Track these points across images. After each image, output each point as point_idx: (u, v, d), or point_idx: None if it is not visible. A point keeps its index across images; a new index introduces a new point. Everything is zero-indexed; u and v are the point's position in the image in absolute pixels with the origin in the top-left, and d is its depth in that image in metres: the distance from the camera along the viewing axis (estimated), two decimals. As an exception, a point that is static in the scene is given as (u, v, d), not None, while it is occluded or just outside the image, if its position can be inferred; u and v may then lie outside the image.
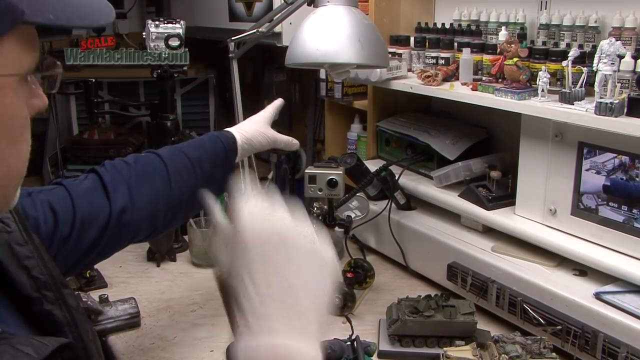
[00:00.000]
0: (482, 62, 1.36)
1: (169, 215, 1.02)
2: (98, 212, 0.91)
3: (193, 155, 1.05)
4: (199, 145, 1.08)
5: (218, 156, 1.08)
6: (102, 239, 0.91)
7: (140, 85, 2.58)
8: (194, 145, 1.08)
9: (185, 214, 1.10)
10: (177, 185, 1.01)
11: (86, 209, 0.89)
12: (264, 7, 1.93)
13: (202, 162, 1.05)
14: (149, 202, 0.97)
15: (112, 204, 0.92)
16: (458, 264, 1.31)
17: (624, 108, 1.03)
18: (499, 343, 1.04)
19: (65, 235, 0.86)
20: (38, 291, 0.63)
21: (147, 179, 0.98)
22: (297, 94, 2.41)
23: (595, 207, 1.13)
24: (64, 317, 0.65)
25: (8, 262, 0.63)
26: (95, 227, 0.90)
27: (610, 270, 1.10)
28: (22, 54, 0.51)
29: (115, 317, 1.27)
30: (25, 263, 0.64)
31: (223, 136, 1.11)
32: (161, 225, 1.01)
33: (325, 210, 1.43)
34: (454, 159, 1.46)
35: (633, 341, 0.99)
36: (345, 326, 1.21)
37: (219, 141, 1.09)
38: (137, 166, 0.99)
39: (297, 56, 1.28)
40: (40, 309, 0.64)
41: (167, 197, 0.99)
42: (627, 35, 1.14)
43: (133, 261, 1.60)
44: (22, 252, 0.64)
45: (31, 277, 0.63)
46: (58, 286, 0.66)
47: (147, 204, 0.96)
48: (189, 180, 1.03)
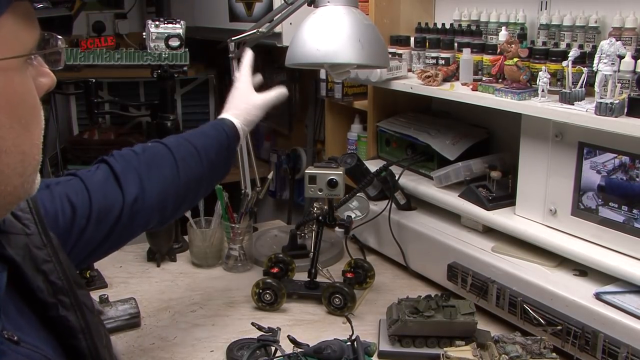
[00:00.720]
0: (482, 62, 1.36)
1: (178, 203, 1.03)
2: (112, 203, 0.91)
3: (198, 143, 1.07)
4: (203, 134, 1.10)
5: (221, 144, 1.11)
6: (116, 229, 0.92)
7: (140, 86, 2.59)
8: (199, 134, 1.10)
9: (192, 201, 1.11)
10: (185, 173, 1.02)
11: (102, 201, 0.90)
12: (264, 7, 1.93)
13: (207, 149, 1.07)
14: (160, 190, 0.98)
15: (125, 194, 0.93)
16: (458, 264, 1.31)
17: (624, 108, 1.03)
18: (499, 343, 1.04)
19: (82, 227, 0.87)
20: (54, 296, 0.63)
21: (156, 167, 0.99)
22: (297, 94, 2.41)
23: (596, 208, 1.13)
24: (78, 323, 0.65)
25: (26, 266, 0.62)
26: (110, 217, 0.90)
27: (611, 271, 1.10)
28: (21, 33, 0.50)
29: (116, 317, 1.27)
30: (42, 267, 0.63)
31: (224, 124, 1.14)
32: (170, 213, 1.03)
33: (326, 211, 1.43)
34: (454, 159, 1.46)
35: (633, 341, 0.99)
36: (345, 326, 1.21)
37: (221, 129, 1.12)
38: (146, 155, 1.00)
39: (297, 56, 1.28)
40: (56, 314, 0.63)
41: (176, 185, 1.01)
42: (627, 36, 1.13)
43: (133, 261, 1.60)
44: (41, 255, 0.64)
45: (48, 282, 0.63)
46: (74, 291, 0.65)
47: (158, 193, 0.98)
48: (195, 167, 1.04)
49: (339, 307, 1.31)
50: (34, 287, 0.62)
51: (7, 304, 0.58)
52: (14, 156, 0.51)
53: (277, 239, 1.71)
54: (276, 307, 1.34)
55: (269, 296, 1.33)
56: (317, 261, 1.40)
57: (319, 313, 1.34)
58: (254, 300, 1.34)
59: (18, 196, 0.54)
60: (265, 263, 1.44)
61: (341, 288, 1.31)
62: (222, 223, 1.57)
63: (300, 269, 1.45)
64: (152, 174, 0.98)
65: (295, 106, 2.44)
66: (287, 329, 1.14)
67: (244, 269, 1.56)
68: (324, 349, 1.01)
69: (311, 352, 1.02)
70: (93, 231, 0.88)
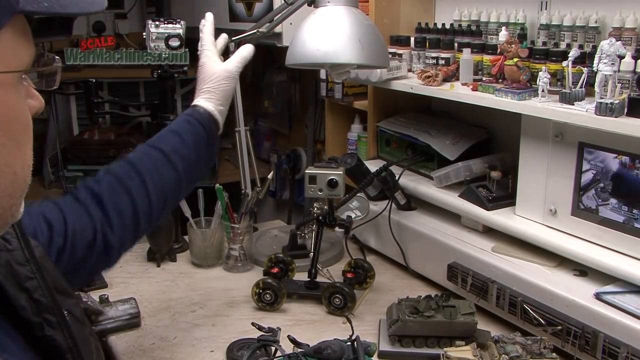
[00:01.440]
0: (482, 62, 1.36)
1: (154, 216, 1.00)
2: (84, 225, 0.90)
3: (167, 147, 1.01)
4: (174, 133, 1.04)
5: (199, 137, 1.05)
6: (92, 254, 0.90)
7: (140, 86, 2.59)
8: (169, 135, 1.04)
9: (172, 205, 1.08)
10: (154, 186, 0.98)
11: (75, 222, 0.89)
12: (264, 7, 1.93)
13: (179, 150, 1.02)
14: (128, 212, 0.95)
15: (95, 221, 0.91)
16: (458, 264, 1.31)
17: (624, 108, 1.03)
18: (499, 343, 1.04)
19: (60, 246, 0.85)
20: (39, 315, 0.61)
21: (122, 191, 0.96)
22: (298, 94, 2.41)
23: (596, 207, 1.13)
24: (65, 343, 0.62)
25: (8, 284, 0.60)
26: (84, 240, 0.89)
27: (611, 271, 1.10)
28: (18, 48, 0.49)
29: (116, 318, 1.27)
30: (26, 285, 0.61)
31: (197, 113, 1.07)
32: (144, 229, 1.00)
33: (326, 211, 1.43)
34: (454, 159, 1.46)
35: (633, 341, 0.99)
36: (345, 326, 1.21)
37: (195, 121, 1.05)
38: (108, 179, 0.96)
39: (297, 56, 1.28)
40: (42, 334, 0.61)
41: (146, 203, 0.97)
42: (628, 36, 1.13)
43: (133, 261, 1.60)
44: (23, 272, 0.62)
45: (32, 300, 0.61)
46: (61, 309, 0.63)
47: (127, 215, 0.95)
48: (167, 175, 1.00)
49: (339, 307, 1.31)
50: (17, 306, 0.60)
51: None
52: (5, 177, 0.49)
53: (277, 239, 1.71)
54: (276, 307, 1.34)
55: (269, 296, 1.33)
56: (317, 261, 1.40)
57: (319, 313, 1.34)
58: (254, 300, 1.34)
59: (5, 220, 0.52)
60: (266, 263, 1.44)
61: (341, 288, 1.31)
62: (222, 223, 1.57)
63: (301, 269, 1.45)
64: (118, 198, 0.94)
65: (296, 106, 2.44)
66: (287, 329, 1.14)
67: (244, 269, 1.56)
68: (324, 349, 1.01)
69: (311, 352, 1.02)
70: (70, 252, 0.86)
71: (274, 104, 2.56)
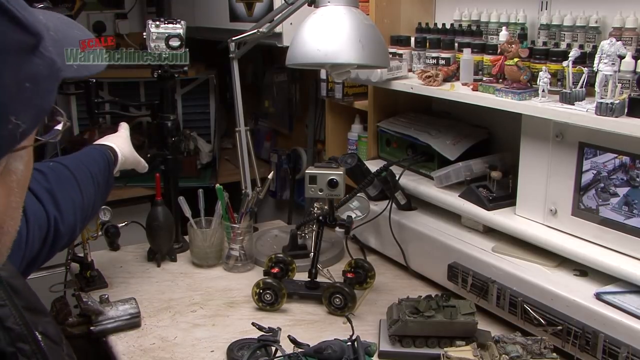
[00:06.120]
0: (482, 62, 1.36)
1: (81, 224, 1.09)
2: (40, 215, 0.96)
3: (92, 168, 1.15)
4: (94, 160, 1.18)
5: (106, 170, 1.20)
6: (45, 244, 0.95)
7: (140, 86, 2.58)
8: (90, 159, 1.18)
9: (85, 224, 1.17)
10: (86, 194, 1.09)
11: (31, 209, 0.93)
12: (265, 7, 1.93)
13: (97, 176, 1.15)
14: (72, 211, 1.03)
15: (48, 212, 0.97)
16: (458, 264, 1.31)
17: (625, 108, 1.03)
18: (500, 343, 1.04)
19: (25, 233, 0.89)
20: (12, 344, 0.57)
21: (65, 190, 1.04)
22: (298, 94, 2.41)
23: (596, 208, 1.13)
24: None
25: None
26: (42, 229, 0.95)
27: (611, 271, 1.10)
28: None
29: (116, 318, 1.27)
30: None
31: (108, 152, 1.23)
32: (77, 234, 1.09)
33: (326, 211, 1.43)
34: (454, 159, 1.46)
35: (633, 341, 0.99)
36: (345, 326, 1.21)
37: (105, 157, 1.21)
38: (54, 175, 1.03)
39: (297, 56, 1.28)
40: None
41: (81, 207, 1.07)
42: (628, 36, 1.13)
43: (133, 261, 1.60)
44: None
45: (4, 329, 0.57)
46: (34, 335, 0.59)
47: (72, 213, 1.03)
48: (91, 190, 1.12)
49: (339, 307, 1.31)
50: None
51: None
52: (10, 237, 0.51)
53: (277, 239, 1.71)
54: (276, 307, 1.34)
55: (269, 296, 1.33)
56: (318, 261, 1.40)
57: (320, 313, 1.34)
58: (255, 300, 1.34)
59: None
60: (266, 263, 1.44)
61: (341, 288, 1.31)
62: (223, 223, 1.57)
63: (301, 269, 1.45)
64: (64, 195, 1.02)
65: (296, 106, 2.44)
66: (287, 329, 1.14)
67: (244, 269, 1.56)
68: (324, 349, 1.01)
69: (311, 352, 1.02)
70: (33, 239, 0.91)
71: (274, 104, 2.56)
